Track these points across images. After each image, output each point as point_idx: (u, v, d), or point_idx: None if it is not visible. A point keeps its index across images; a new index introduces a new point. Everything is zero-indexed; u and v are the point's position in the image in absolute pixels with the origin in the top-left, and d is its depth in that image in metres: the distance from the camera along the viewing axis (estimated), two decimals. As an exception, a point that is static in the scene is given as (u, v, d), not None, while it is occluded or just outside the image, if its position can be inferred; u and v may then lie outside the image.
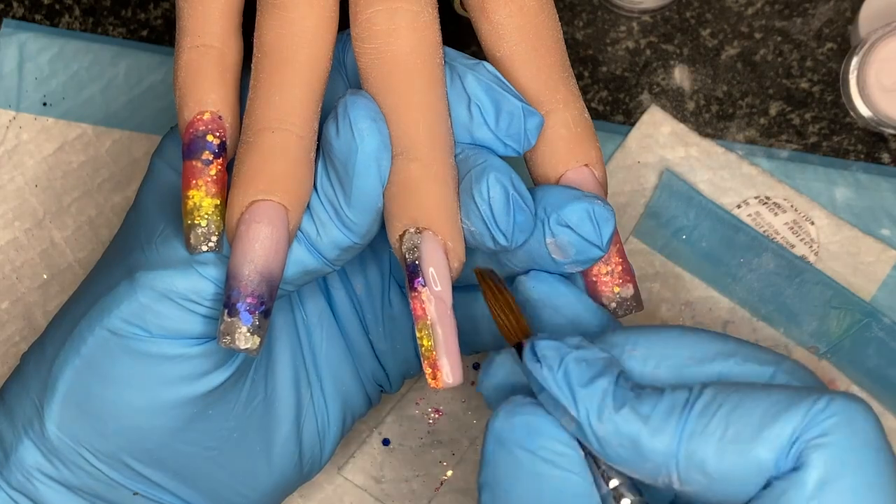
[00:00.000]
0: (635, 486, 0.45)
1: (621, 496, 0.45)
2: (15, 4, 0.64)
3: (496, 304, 0.47)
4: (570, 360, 0.44)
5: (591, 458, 0.45)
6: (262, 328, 0.46)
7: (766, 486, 0.42)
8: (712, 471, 0.42)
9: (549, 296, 0.49)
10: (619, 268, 0.49)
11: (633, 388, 0.44)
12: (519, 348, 0.46)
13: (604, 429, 0.43)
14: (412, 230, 0.46)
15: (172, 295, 0.47)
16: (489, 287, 0.47)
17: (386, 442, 0.61)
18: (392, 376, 0.56)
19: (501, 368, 0.48)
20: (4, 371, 0.61)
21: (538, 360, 0.45)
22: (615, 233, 0.49)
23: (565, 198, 0.47)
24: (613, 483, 0.45)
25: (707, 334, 0.46)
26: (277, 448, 0.52)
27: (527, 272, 0.49)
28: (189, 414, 0.49)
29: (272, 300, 0.46)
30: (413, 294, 0.46)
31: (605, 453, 0.44)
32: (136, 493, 0.50)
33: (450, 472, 0.61)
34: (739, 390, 0.43)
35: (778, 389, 0.43)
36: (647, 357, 0.45)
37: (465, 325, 0.51)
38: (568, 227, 0.47)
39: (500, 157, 0.48)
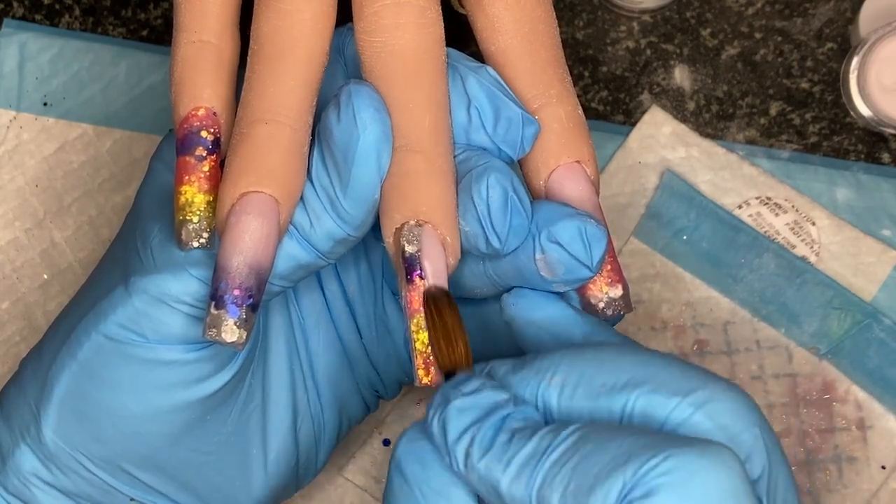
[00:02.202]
0: None
1: None
2: (15, 4, 0.64)
3: (433, 328, 0.46)
4: (451, 409, 0.43)
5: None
6: (249, 322, 0.45)
7: None
8: None
9: (528, 312, 0.48)
10: (609, 266, 0.48)
11: (515, 432, 0.42)
12: (449, 377, 0.45)
13: (470, 476, 0.42)
14: (412, 222, 0.46)
15: (167, 299, 0.47)
16: (429, 309, 0.46)
17: (386, 442, 0.61)
18: (387, 381, 0.55)
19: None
20: (4, 371, 0.61)
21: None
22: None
23: (557, 214, 0.46)
24: None
25: (631, 356, 0.43)
26: (273, 454, 0.52)
27: (510, 290, 0.48)
28: (187, 419, 0.49)
29: (260, 294, 0.45)
30: (410, 287, 0.46)
31: (482, 497, 0.43)
32: (132, 500, 0.50)
33: (450, 472, 0.61)
34: (602, 435, 0.40)
35: (636, 436, 0.40)
36: (564, 385, 0.43)
37: (480, 335, 0.50)
38: (558, 244, 0.46)
39: None
